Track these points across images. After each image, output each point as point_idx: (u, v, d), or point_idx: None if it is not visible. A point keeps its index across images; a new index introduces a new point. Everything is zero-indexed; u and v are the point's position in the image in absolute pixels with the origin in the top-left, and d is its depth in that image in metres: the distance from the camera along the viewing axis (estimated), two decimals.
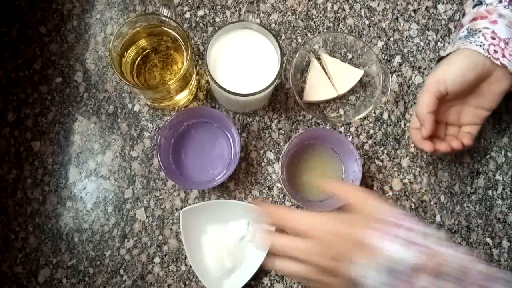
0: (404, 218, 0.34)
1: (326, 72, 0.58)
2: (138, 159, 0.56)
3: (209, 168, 0.55)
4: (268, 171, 0.57)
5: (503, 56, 0.47)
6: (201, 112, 0.54)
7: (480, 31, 0.48)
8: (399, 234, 0.33)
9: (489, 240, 0.57)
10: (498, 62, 0.46)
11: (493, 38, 0.47)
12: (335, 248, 0.34)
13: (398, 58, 0.60)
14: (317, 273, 0.35)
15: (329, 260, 0.34)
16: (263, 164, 0.57)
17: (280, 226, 0.38)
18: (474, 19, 0.50)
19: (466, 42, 0.49)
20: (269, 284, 0.54)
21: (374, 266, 0.32)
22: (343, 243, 0.34)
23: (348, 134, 0.58)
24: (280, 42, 0.55)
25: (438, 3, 0.62)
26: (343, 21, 0.61)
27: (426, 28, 0.61)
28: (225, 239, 0.54)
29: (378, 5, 0.61)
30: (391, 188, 0.57)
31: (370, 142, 0.58)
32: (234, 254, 0.53)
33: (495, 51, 0.47)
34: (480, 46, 0.47)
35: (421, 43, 0.60)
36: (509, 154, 0.59)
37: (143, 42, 0.53)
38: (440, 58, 0.53)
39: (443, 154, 0.55)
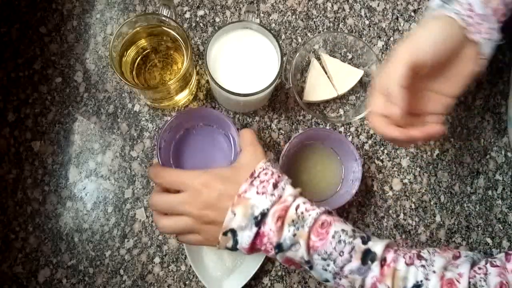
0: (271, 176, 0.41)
1: (326, 72, 0.58)
2: (138, 159, 0.56)
3: None
4: None
5: (479, 32, 0.41)
6: (201, 113, 0.54)
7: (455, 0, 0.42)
8: (259, 188, 0.40)
9: (489, 240, 0.57)
10: (473, 37, 0.41)
11: (469, 11, 0.41)
12: (206, 197, 0.41)
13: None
14: (193, 222, 0.41)
15: (201, 208, 0.41)
16: None
17: (161, 183, 0.44)
18: None
19: (440, 9, 0.42)
20: (269, 284, 0.54)
21: (241, 213, 0.39)
22: (212, 192, 0.41)
23: (348, 134, 0.58)
24: (280, 42, 0.55)
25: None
26: (343, 21, 0.61)
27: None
28: None
29: (378, 5, 0.61)
30: (391, 188, 0.57)
31: (370, 142, 0.58)
32: (234, 254, 0.53)
33: (470, 24, 0.41)
34: (457, 14, 0.41)
35: None
36: (509, 154, 0.59)
37: (143, 42, 0.53)
38: None
39: (412, 144, 0.49)
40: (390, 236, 0.56)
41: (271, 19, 0.60)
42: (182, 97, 0.56)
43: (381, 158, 0.58)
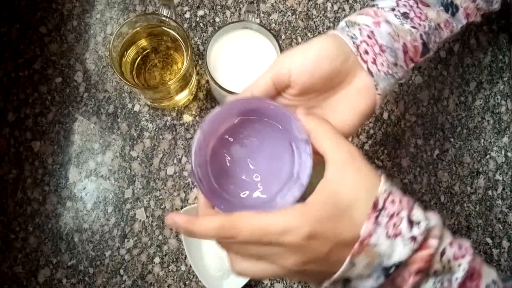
0: None
1: None
2: (138, 159, 0.56)
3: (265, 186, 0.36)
4: None
5: (374, 62, 0.35)
6: (246, 108, 0.36)
7: (358, 25, 0.36)
8: (390, 228, 0.29)
9: (489, 240, 0.57)
10: (364, 65, 0.35)
11: (369, 37, 0.36)
12: (312, 252, 0.29)
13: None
14: (287, 274, 0.30)
15: (304, 263, 0.29)
16: None
17: (236, 241, 0.29)
18: (358, 15, 0.38)
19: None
20: (269, 284, 0.54)
21: (364, 263, 0.29)
22: (321, 246, 0.29)
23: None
24: (280, 42, 0.55)
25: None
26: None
27: None
28: None
29: None
30: None
31: (370, 142, 0.58)
32: None
33: (366, 52, 0.35)
34: (352, 38, 0.36)
35: None
36: (509, 154, 0.59)
37: (143, 42, 0.53)
38: None
39: None
40: None
41: (271, 19, 0.60)
42: (182, 97, 0.56)
43: (381, 158, 0.58)
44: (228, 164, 0.36)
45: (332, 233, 0.29)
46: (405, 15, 0.37)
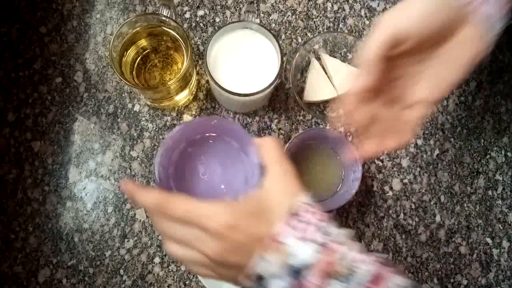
0: (313, 213, 0.33)
1: (326, 72, 0.58)
2: (138, 159, 0.56)
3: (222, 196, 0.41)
4: None
5: (487, 2, 0.35)
6: (200, 124, 0.42)
7: None
8: (299, 231, 0.32)
9: (489, 240, 0.57)
10: (476, 12, 0.35)
11: None
12: (230, 242, 0.32)
13: None
14: (209, 262, 0.33)
15: (222, 253, 0.32)
16: None
17: (168, 217, 0.33)
18: None
19: None
20: None
21: (274, 260, 0.31)
22: (238, 236, 0.32)
23: (348, 134, 0.58)
24: (280, 42, 0.55)
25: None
26: (343, 21, 0.61)
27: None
28: None
29: (378, 5, 0.61)
30: (391, 188, 0.57)
31: None
32: None
33: (470, 3, 0.35)
34: None
35: None
36: (509, 154, 0.59)
37: (143, 42, 0.53)
38: None
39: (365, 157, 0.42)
40: (390, 236, 0.56)
41: (271, 19, 0.60)
42: (182, 97, 0.56)
43: (381, 158, 0.58)
44: (187, 171, 0.40)
45: (250, 227, 0.32)
46: None
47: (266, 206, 0.33)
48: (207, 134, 0.41)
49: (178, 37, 0.51)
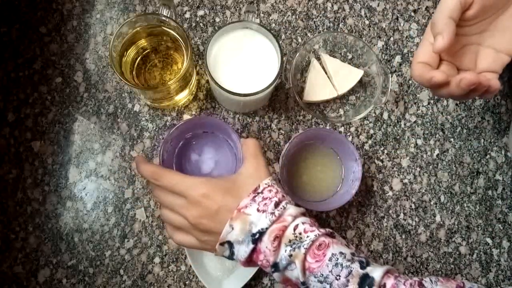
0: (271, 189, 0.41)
1: (326, 72, 0.58)
2: None
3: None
4: None
5: None
6: (201, 122, 0.53)
7: None
8: (260, 205, 0.40)
9: (489, 240, 0.57)
10: None
11: None
12: (204, 208, 0.40)
13: (398, 58, 0.60)
14: (190, 226, 0.41)
15: (198, 217, 0.40)
16: None
17: (159, 185, 0.43)
18: None
19: None
20: (269, 284, 0.54)
21: (239, 228, 0.39)
22: (211, 204, 0.40)
23: (348, 134, 0.58)
24: (280, 42, 0.55)
25: (438, 3, 0.62)
26: (343, 21, 0.61)
27: (426, 28, 0.61)
28: None
29: (378, 5, 0.61)
30: (391, 188, 0.57)
31: (370, 142, 0.58)
32: None
33: None
34: None
35: None
36: (509, 154, 0.59)
37: (143, 42, 0.53)
38: None
39: (461, 93, 0.40)
40: (390, 236, 0.56)
41: (271, 19, 0.60)
42: (182, 97, 0.56)
43: (381, 158, 0.58)
44: (184, 157, 0.54)
45: (222, 199, 0.40)
46: None
47: (238, 186, 0.42)
48: (200, 131, 0.54)
49: (178, 37, 0.51)
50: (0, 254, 0.53)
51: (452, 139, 0.59)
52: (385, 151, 0.58)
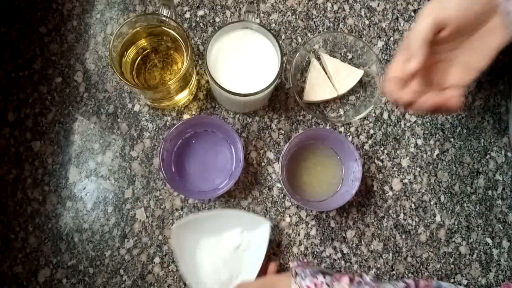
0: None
1: (326, 72, 0.58)
2: (138, 159, 0.56)
3: (213, 177, 0.55)
4: (268, 171, 0.57)
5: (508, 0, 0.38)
6: (200, 121, 0.54)
7: None
8: None
9: (489, 240, 0.57)
10: (502, 4, 0.39)
11: None
12: None
13: None
14: None
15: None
16: (263, 164, 0.57)
17: None
18: None
19: None
20: None
21: None
22: None
23: (348, 134, 0.58)
24: (280, 42, 0.55)
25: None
26: (343, 21, 0.61)
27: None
28: (220, 251, 0.53)
29: (378, 5, 0.61)
30: (391, 188, 0.57)
31: (370, 142, 0.58)
32: (230, 266, 0.53)
33: None
34: None
35: None
36: (509, 154, 0.59)
37: (143, 42, 0.53)
38: None
39: (424, 111, 0.43)
40: (390, 236, 0.56)
41: (271, 19, 0.60)
42: (182, 97, 0.56)
43: (381, 158, 0.58)
44: (185, 155, 0.55)
45: None
46: None
47: None
48: (201, 129, 0.55)
49: (178, 37, 0.51)
50: (0, 254, 0.53)
51: (452, 139, 0.59)
52: (385, 151, 0.58)
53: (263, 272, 0.51)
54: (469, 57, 0.42)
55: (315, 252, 0.55)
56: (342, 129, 0.58)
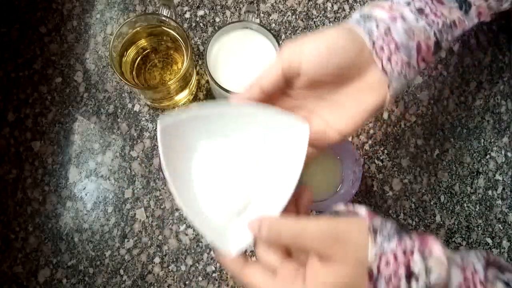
0: None
1: None
2: (138, 159, 0.56)
3: None
4: None
5: (389, 60, 0.34)
6: None
7: (374, 19, 0.35)
8: None
9: (489, 240, 0.57)
10: (379, 63, 0.34)
11: (385, 34, 0.34)
12: None
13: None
14: None
15: None
16: None
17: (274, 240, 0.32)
18: (373, 8, 0.37)
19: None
20: None
21: None
22: None
23: None
24: (280, 42, 0.55)
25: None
26: (343, 21, 0.61)
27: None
28: (230, 163, 0.37)
29: None
30: (391, 188, 0.57)
31: (370, 142, 0.58)
32: (244, 189, 0.36)
33: (382, 49, 0.34)
34: (368, 33, 0.35)
35: None
36: (509, 154, 0.59)
37: (143, 42, 0.53)
38: None
39: None
40: None
41: (271, 19, 0.60)
42: (182, 97, 0.56)
43: (381, 158, 0.58)
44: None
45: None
46: (420, 11, 0.36)
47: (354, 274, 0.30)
48: None
49: (178, 37, 0.51)
50: (0, 254, 0.53)
51: (452, 139, 0.59)
52: (385, 151, 0.58)
53: (292, 203, 0.36)
54: (334, 114, 0.36)
55: None
56: None
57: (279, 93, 0.36)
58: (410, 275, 0.29)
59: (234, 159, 0.37)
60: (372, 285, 0.29)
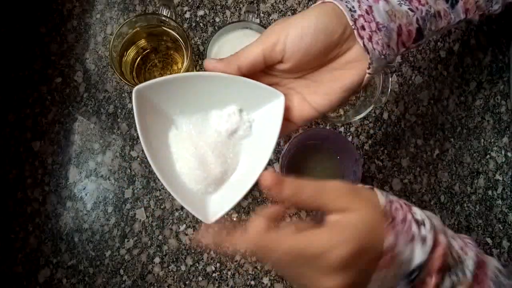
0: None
1: None
2: (138, 159, 0.56)
3: None
4: None
5: (369, 39, 0.34)
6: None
7: None
8: (404, 234, 0.30)
9: (489, 240, 0.57)
10: (360, 41, 0.34)
11: (367, 13, 0.34)
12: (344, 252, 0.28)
13: (398, 58, 0.60)
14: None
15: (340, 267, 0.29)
16: None
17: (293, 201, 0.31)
18: None
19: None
20: (269, 284, 0.54)
21: (391, 273, 0.29)
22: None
23: (348, 134, 0.58)
24: None
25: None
26: None
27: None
28: (207, 135, 0.38)
29: None
30: (391, 188, 0.57)
31: (370, 142, 0.58)
32: (221, 158, 0.37)
33: (363, 27, 0.34)
34: (350, 10, 0.34)
35: None
36: (509, 154, 0.59)
37: (143, 42, 0.53)
38: None
39: None
40: None
41: (271, 19, 0.60)
42: None
43: (381, 158, 0.58)
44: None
45: (368, 244, 0.29)
46: None
47: (375, 219, 0.31)
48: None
49: (178, 37, 0.51)
50: (0, 254, 0.53)
51: (452, 139, 0.59)
52: (385, 151, 0.58)
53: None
54: (311, 91, 0.36)
55: None
56: (342, 129, 0.58)
57: (258, 72, 0.36)
58: (416, 221, 0.31)
59: (210, 131, 0.38)
60: (390, 227, 0.30)
